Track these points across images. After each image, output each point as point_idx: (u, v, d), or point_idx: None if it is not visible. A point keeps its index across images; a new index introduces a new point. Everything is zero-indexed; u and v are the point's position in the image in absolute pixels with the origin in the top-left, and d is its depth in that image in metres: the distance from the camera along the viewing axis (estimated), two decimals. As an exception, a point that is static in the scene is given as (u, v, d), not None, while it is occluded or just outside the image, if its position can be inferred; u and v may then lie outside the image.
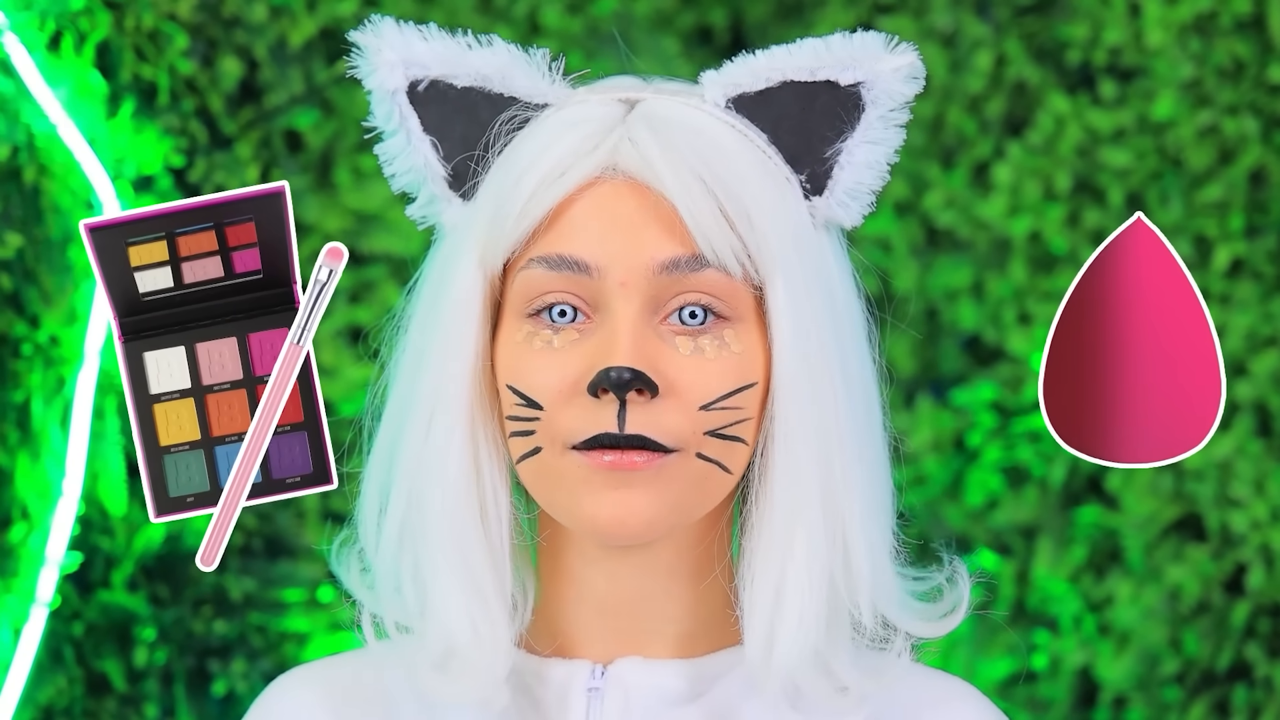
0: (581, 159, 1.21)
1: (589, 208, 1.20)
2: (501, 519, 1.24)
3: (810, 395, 1.20)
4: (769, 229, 1.20)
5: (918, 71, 1.23)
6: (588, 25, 2.66)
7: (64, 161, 2.27)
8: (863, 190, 1.24)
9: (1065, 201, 2.63)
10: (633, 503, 1.19)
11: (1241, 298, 2.58)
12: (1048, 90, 2.64)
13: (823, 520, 1.20)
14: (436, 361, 1.23)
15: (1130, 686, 2.60)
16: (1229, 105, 2.59)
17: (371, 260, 2.59)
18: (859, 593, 1.21)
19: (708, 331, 1.20)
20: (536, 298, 1.21)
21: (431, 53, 1.23)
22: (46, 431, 2.28)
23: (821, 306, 1.21)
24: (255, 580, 2.49)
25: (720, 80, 1.24)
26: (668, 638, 1.26)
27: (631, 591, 1.25)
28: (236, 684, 2.46)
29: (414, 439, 1.23)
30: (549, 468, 1.21)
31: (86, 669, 2.37)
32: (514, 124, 1.24)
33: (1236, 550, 2.58)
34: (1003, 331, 2.64)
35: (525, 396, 1.21)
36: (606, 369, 1.17)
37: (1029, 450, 2.63)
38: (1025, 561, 2.64)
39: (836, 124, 1.23)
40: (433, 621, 1.22)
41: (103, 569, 2.38)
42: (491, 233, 1.22)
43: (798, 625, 1.19)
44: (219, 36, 2.47)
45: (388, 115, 1.24)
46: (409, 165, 1.25)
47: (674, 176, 1.19)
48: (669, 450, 1.19)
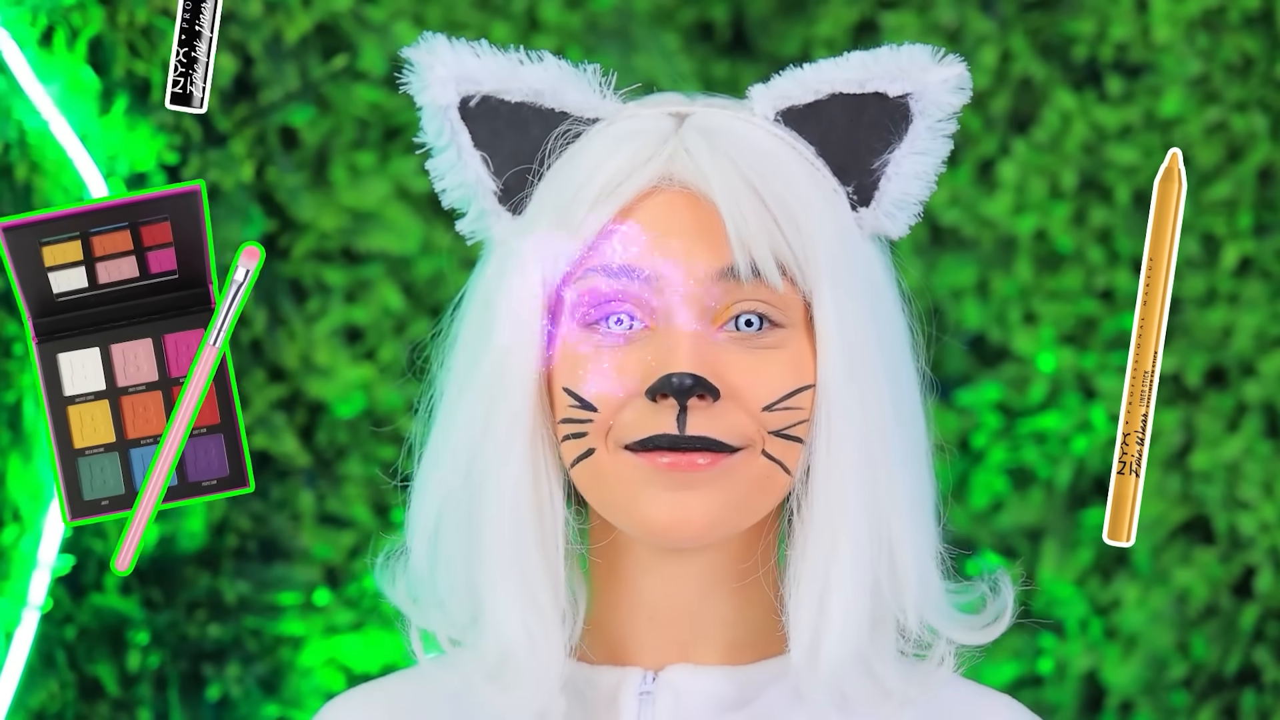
0: (637, 170, 1.24)
1: (646, 218, 1.23)
2: (557, 529, 1.26)
3: (856, 401, 1.23)
4: (818, 238, 1.23)
5: (965, 82, 1.27)
6: (587, 20, 2.67)
7: (56, 158, 2.26)
8: (910, 201, 1.28)
9: (1071, 199, 2.63)
10: (693, 503, 1.22)
11: (1250, 297, 2.58)
12: (1053, 86, 2.65)
13: (867, 524, 1.23)
14: (493, 374, 1.25)
15: (1137, 691, 2.61)
16: (1237, 101, 2.60)
17: (368, 259, 2.58)
18: (904, 596, 1.24)
19: (764, 337, 1.23)
20: (595, 306, 1.24)
21: (484, 69, 1.26)
22: (38, 433, 2.27)
23: (867, 315, 1.25)
24: (250, 583, 2.49)
25: (769, 94, 1.27)
26: (717, 645, 1.28)
27: (684, 598, 1.27)
28: (231, 688, 2.46)
29: (468, 452, 1.25)
30: (605, 469, 1.24)
31: (79, 673, 2.37)
32: (565, 139, 1.27)
33: (1245, 553, 2.59)
34: (1008, 331, 2.65)
35: (580, 399, 1.23)
36: (668, 375, 1.20)
37: (1034, 451, 2.62)
38: (1031, 564, 2.65)
39: (884, 135, 1.26)
40: (488, 631, 1.25)
41: (95, 572, 2.38)
42: (549, 244, 1.24)
43: (842, 628, 1.22)
44: None
45: (439, 131, 1.27)
46: (459, 180, 1.28)
47: (725, 186, 1.22)
48: (734, 450, 1.22)
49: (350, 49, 2.55)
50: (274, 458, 2.54)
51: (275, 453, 2.53)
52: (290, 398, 2.56)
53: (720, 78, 2.73)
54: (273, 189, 2.52)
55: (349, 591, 2.54)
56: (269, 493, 2.54)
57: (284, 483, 2.54)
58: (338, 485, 2.55)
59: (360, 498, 2.57)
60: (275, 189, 2.51)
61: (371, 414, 2.57)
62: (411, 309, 2.59)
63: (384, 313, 2.58)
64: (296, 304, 2.55)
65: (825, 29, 2.72)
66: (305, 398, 2.56)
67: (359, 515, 2.56)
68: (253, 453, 2.49)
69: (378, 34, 2.56)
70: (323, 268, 2.56)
